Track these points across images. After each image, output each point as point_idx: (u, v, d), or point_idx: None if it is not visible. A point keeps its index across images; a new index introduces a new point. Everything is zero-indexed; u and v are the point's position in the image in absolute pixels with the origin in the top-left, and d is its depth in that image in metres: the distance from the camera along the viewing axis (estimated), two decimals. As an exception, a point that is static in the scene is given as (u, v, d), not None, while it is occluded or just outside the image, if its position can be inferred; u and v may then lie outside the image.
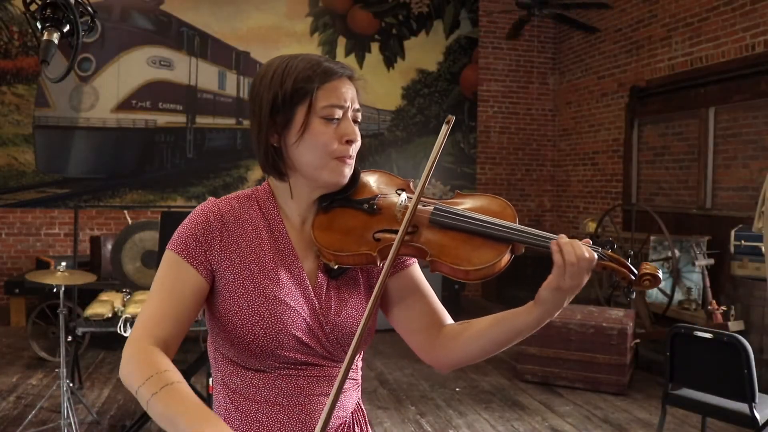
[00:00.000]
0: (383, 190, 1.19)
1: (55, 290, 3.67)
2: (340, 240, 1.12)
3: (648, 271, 1.08)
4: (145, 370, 0.96)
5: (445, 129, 1.11)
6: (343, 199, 1.16)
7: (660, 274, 1.09)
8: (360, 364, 1.22)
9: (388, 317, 1.22)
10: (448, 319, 1.20)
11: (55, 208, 6.85)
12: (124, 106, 6.95)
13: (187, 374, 3.64)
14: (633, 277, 1.08)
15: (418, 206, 1.12)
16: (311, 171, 1.12)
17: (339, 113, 1.10)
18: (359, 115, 1.15)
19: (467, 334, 1.15)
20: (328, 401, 0.94)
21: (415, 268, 1.22)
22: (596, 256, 1.06)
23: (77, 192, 6.87)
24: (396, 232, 1.09)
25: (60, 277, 3.49)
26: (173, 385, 0.94)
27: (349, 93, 1.12)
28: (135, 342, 1.02)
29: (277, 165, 1.13)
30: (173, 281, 1.08)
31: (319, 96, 1.09)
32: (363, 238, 1.11)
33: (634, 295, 1.11)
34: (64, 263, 3.65)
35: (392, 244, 1.09)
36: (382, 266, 1.18)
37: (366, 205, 1.15)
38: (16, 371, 4.81)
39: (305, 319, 1.10)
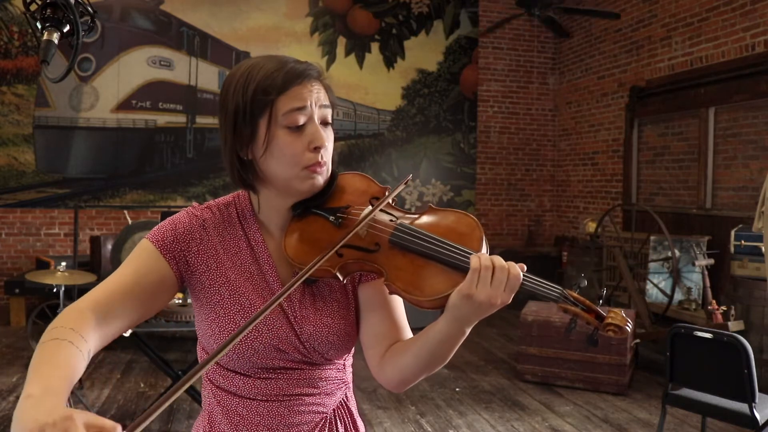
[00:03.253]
0: (356, 199, 1.13)
1: (55, 290, 3.67)
2: (306, 252, 1.08)
3: (614, 321, 0.99)
4: (58, 321, 0.94)
5: (402, 185, 1.11)
6: (316, 206, 1.12)
7: (628, 327, 0.99)
8: (349, 362, 1.22)
9: None
10: (406, 338, 1.14)
11: (55, 208, 6.85)
12: (124, 106, 6.95)
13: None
14: (598, 322, 1.01)
15: (385, 220, 1.08)
16: (282, 182, 1.09)
17: (302, 119, 1.06)
18: (329, 114, 1.10)
19: (399, 350, 1.09)
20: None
21: None
22: (522, 276, 0.97)
23: (77, 192, 6.87)
24: (359, 249, 1.06)
25: (60, 277, 3.49)
26: (60, 342, 0.89)
27: (312, 95, 1.07)
28: (77, 302, 1.00)
29: (245, 178, 1.11)
30: (139, 264, 1.07)
31: (278, 105, 1.05)
32: (326, 252, 1.06)
33: (598, 343, 1.01)
34: (64, 263, 3.65)
35: (353, 261, 1.06)
36: (359, 277, 1.16)
37: (332, 217, 1.11)
38: (16, 371, 4.81)
39: (281, 328, 1.10)
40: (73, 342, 0.90)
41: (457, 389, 4.59)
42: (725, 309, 4.54)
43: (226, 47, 7.25)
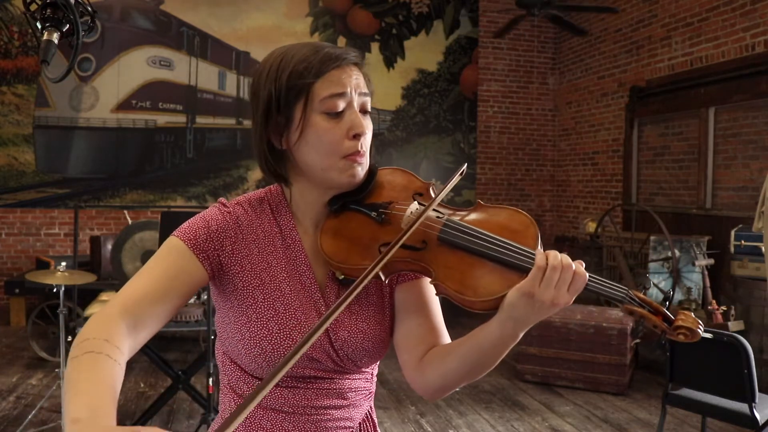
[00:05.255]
0: (398, 195, 1.07)
1: (55, 290, 3.67)
2: (346, 250, 1.02)
3: (685, 324, 0.93)
4: (89, 331, 0.87)
5: (458, 176, 1.03)
6: (354, 201, 1.05)
7: (700, 330, 0.93)
8: (375, 371, 1.16)
9: None
10: (444, 341, 1.07)
11: (55, 208, 6.85)
12: (124, 106, 6.95)
13: (187, 374, 3.64)
14: (666, 326, 0.95)
15: (432, 216, 1.01)
16: (319, 173, 1.02)
17: (341, 105, 0.99)
18: (368, 102, 1.03)
19: (441, 353, 1.02)
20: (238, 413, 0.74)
21: (425, 282, 1.09)
22: (588, 277, 0.92)
23: (77, 192, 6.86)
24: (405, 247, 0.98)
25: (60, 277, 3.48)
26: (97, 356, 0.82)
27: (352, 80, 1.01)
28: (105, 308, 0.93)
29: (275, 169, 1.05)
30: (170, 264, 0.99)
31: (316, 89, 0.98)
32: (368, 250, 1.01)
33: (667, 347, 0.98)
34: (64, 263, 3.64)
35: (398, 260, 0.98)
36: (397, 278, 1.09)
37: (374, 213, 1.04)
38: (16, 371, 4.81)
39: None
40: (110, 355, 0.84)
41: (457, 389, 4.58)
42: (725, 309, 4.54)
43: (226, 47, 7.25)
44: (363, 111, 1.03)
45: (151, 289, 0.96)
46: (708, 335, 2.89)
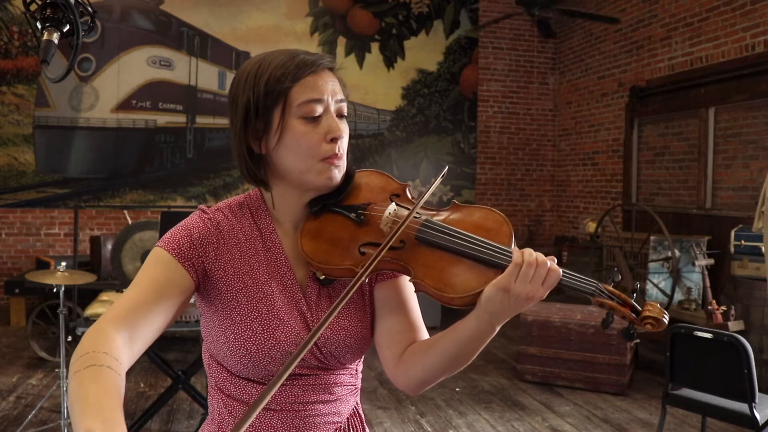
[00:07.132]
0: (375, 196, 1.11)
1: (55, 290, 3.67)
2: (326, 251, 1.05)
3: (651, 314, 0.98)
4: (87, 346, 0.89)
5: (439, 179, 1.08)
6: (333, 204, 1.10)
7: (665, 319, 0.99)
8: (360, 367, 1.19)
9: None
10: (423, 337, 1.11)
11: (55, 208, 6.85)
12: (124, 106, 6.95)
13: (187, 374, 3.65)
14: (635, 316, 1.00)
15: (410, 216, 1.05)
16: (297, 176, 1.06)
17: (319, 109, 1.03)
18: (344, 107, 1.07)
19: (422, 347, 1.06)
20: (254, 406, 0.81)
21: (403, 281, 1.13)
22: (561, 272, 0.96)
23: (77, 192, 6.87)
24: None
25: (60, 277, 3.48)
26: (99, 368, 0.84)
27: (328, 85, 1.04)
28: (98, 322, 0.95)
29: (255, 174, 1.08)
30: (158, 276, 1.02)
31: (293, 94, 1.02)
32: (348, 251, 1.05)
33: (635, 337, 0.99)
34: (64, 263, 3.64)
35: (378, 260, 1.01)
36: (375, 276, 1.13)
37: (353, 214, 1.08)
38: (16, 371, 4.81)
39: (298, 334, 1.06)
40: (111, 367, 0.86)
41: (457, 389, 4.59)
42: (725, 309, 4.54)
43: (226, 47, 7.25)
44: (339, 115, 1.07)
45: (142, 300, 0.98)
46: (708, 335, 2.90)
